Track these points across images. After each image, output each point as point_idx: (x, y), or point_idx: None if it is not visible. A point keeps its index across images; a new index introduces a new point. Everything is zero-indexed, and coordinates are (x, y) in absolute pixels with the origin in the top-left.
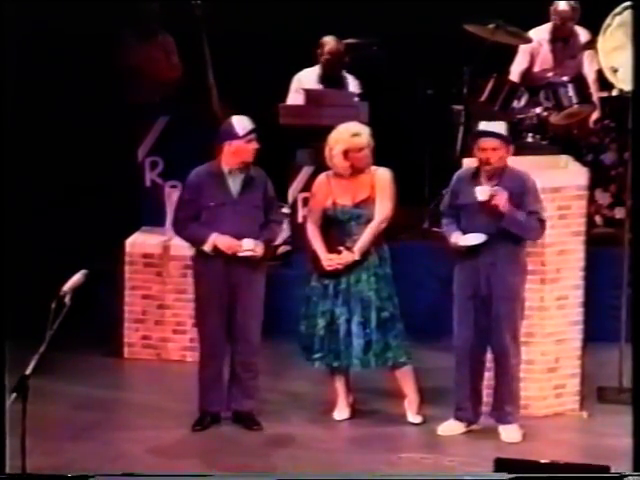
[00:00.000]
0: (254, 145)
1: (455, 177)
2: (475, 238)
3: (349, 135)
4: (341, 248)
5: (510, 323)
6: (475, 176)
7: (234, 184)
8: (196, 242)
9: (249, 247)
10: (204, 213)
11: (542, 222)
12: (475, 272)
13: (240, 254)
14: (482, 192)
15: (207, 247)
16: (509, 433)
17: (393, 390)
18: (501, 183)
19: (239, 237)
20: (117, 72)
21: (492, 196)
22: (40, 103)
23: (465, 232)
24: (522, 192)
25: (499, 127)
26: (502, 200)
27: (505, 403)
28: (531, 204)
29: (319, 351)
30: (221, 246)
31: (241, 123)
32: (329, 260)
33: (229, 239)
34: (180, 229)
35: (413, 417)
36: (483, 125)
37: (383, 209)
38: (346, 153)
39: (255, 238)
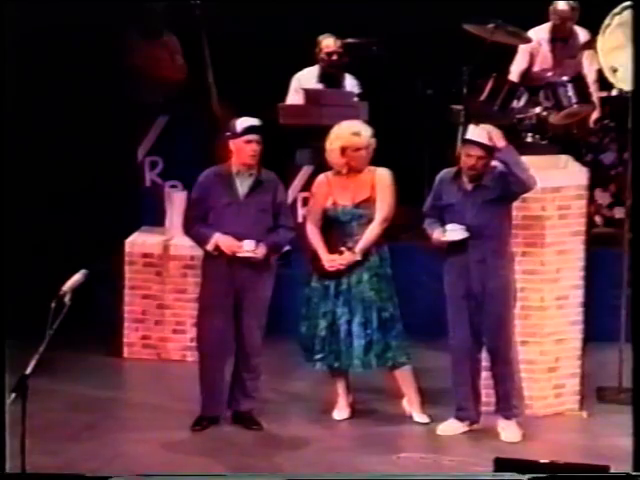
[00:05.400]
0: (253, 146)
1: (438, 179)
2: (457, 234)
3: (349, 133)
4: (343, 249)
5: (506, 316)
6: (457, 177)
7: (241, 186)
8: (200, 242)
9: (249, 248)
10: (211, 213)
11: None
12: (465, 271)
13: (239, 255)
14: (456, 232)
15: (209, 247)
16: (509, 433)
17: (393, 390)
18: (483, 182)
19: (242, 238)
20: (120, 71)
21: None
22: (41, 102)
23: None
24: (505, 183)
25: (484, 137)
26: (500, 140)
27: (511, 397)
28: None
29: (320, 352)
30: (222, 246)
31: (242, 122)
32: (331, 261)
33: (230, 239)
34: (187, 228)
35: (419, 417)
36: (471, 133)
37: (384, 209)
38: (343, 150)
39: (259, 241)
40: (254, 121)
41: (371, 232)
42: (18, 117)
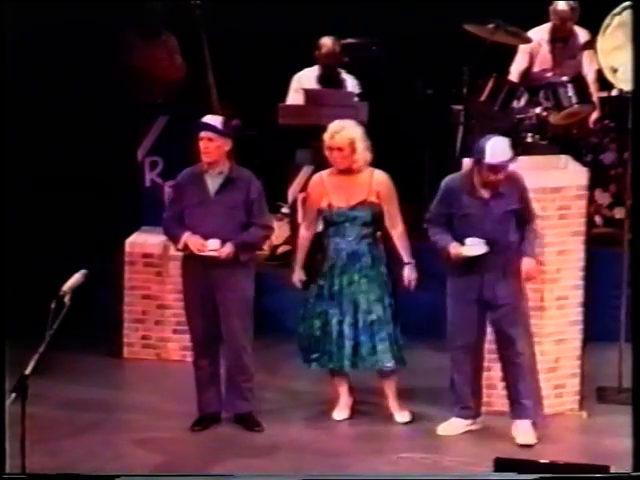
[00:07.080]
0: (204, 143)
1: (444, 186)
2: (478, 248)
3: (331, 131)
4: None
5: (518, 319)
6: (470, 186)
7: (212, 184)
8: (173, 241)
9: (213, 247)
10: (185, 213)
11: (535, 216)
12: (479, 278)
13: (203, 254)
14: (477, 247)
15: (179, 246)
16: (522, 435)
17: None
18: (499, 189)
19: (212, 237)
20: (120, 71)
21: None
22: (40, 102)
23: (463, 242)
24: (521, 194)
25: (504, 154)
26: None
27: (522, 397)
28: (527, 202)
29: (315, 352)
30: (189, 245)
31: (201, 120)
32: (300, 281)
33: (196, 238)
34: (164, 229)
35: (400, 416)
36: (490, 156)
37: (397, 221)
38: (328, 149)
39: (231, 239)
40: (206, 118)
41: (402, 243)
42: (18, 117)
